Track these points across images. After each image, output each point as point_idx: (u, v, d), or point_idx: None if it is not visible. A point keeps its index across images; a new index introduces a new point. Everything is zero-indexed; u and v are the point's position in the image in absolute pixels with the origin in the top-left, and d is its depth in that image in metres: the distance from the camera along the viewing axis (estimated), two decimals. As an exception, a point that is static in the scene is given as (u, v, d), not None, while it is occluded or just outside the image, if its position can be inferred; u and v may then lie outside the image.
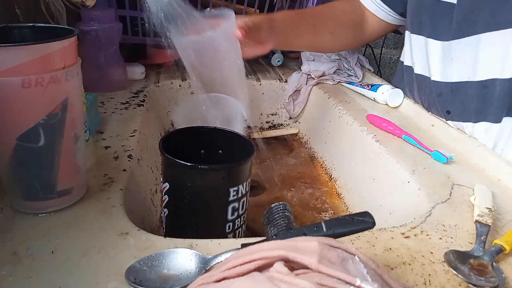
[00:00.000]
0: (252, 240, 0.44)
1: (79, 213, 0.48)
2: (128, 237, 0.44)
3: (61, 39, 0.42)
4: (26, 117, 0.42)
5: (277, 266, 0.29)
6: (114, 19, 0.86)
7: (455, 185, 0.58)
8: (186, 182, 0.49)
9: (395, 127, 0.74)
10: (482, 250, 0.44)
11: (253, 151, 0.52)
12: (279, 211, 0.42)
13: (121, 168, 0.58)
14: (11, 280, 0.38)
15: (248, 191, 0.53)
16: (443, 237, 0.48)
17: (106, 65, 0.86)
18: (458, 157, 0.66)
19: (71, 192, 0.48)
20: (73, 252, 0.42)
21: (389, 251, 0.45)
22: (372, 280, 0.28)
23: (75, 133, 0.46)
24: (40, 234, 0.44)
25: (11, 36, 0.46)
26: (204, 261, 0.40)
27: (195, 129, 0.59)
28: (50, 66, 0.41)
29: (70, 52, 0.43)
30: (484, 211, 0.50)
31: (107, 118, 0.74)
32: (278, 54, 1.14)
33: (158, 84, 0.96)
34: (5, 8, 0.66)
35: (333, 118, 0.88)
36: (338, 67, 1.02)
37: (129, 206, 0.52)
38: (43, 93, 0.41)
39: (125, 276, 0.38)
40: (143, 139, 0.73)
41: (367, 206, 0.68)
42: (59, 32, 0.45)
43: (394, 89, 0.87)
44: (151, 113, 0.87)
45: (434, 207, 0.53)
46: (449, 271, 0.42)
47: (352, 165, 0.77)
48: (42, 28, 0.48)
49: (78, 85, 0.46)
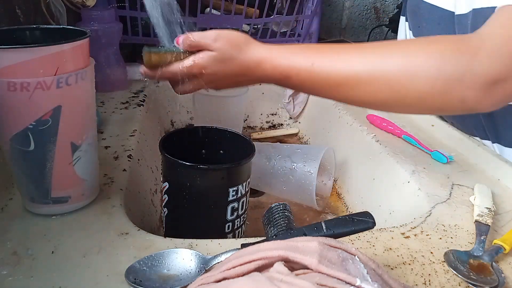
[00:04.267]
0: (252, 240, 0.44)
1: (79, 213, 0.48)
2: (128, 237, 0.44)
3: (47, 45, 0.40)
4: (14, 120, 0.41)
5: (277, 266, 0.29)
6: (114, 19, 0.86)
7: (455, 185, 0.58)
8: (185, 182, 0.49)
9: (395, 127, 0.74)
10: (482, 250, 0.44)
11: (253, 152, 0.52)
12: (279, 211, 0.42)
13: (121, 168, 0.58)
14: (11, 280, 0.38)
15: (247, 191, 0.53)
16: (443, 237, 0.48)
17: (106, 65, 0.86)
18: (458, 157, 0.66)
19: (67, 201, 0.47)
20: (73, 252, 0.42)
21: (389, 251, 0.45)
22: (372, 280, 0.28)
23: (72, 142, 0.44)
24: (40, 234, 0.44)
25: (20, 38, 0.45)
26: (204, 261, 0.40)
27: (195, 129, 0.59)
28: (36, 72, 0.39)
29: (66, 58, 0.41)
30: (484, 211, 0.50)
31: (107, 118, 0.74)
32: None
33: (158, 84, 0.96)
34: (6, 9, 0.66)
35: (333, 118, 0.88)
36: (338, 67, 1.02)
37: (129, 206, 0.52)
38: (29, 99, 0.40)
39: (125, 276, 0.38)
40: (143, 139, 0.73)
41: (367, 206, 0.68)
42: (73, 35, 0.43)
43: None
44: (151, 113, 0.87)
45: (434, 207, 0.53)
46: (449, 271, 0.42)
47: (352, 165, 0.77)
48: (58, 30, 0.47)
49: (79, 94, 0.44)
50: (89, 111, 0.46)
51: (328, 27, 1.47)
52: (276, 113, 1.07)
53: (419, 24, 0.77)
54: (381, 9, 1.49)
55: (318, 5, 1.06)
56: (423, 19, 0.74)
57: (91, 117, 0.47)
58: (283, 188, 0.74)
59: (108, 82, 0.87)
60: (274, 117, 1.07)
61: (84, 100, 0.45)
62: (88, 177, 0.48)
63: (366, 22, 1.50)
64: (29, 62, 0.39)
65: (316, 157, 0.72)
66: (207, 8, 1.01)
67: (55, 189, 0.45)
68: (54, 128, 0.42)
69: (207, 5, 1.00)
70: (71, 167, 0.45)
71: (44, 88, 0.40)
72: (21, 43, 0.43)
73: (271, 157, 0.75)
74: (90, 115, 0.47)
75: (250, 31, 1.07)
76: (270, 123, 1.07)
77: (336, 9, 1.47)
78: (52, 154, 0.43)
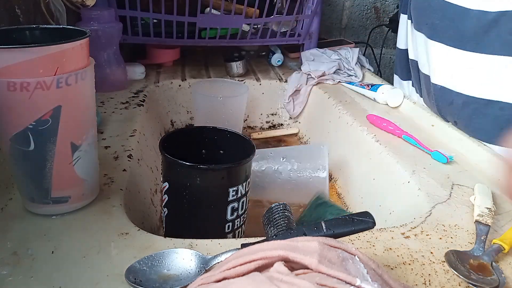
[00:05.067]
0: (252, 240, 0.44)
1: (79, 213, 0.48)
2: (128, 237, 0.44)
3: (47, 45, 0.39)
4: (14, 120, 0.41)
5: (277, 266, 0.29)
6: (114, 19, 0.86)
7: (455, 185, 0.58)
8: (185, 182, 0.49)
9: (395, 127, 0.74)
10: (482, 250, 0.44)
11: (253, 152, 0.52)
12: (279, 211, 0.42)
13: (121, 168, 0.58)
14: (11, 280, 0.38)
15: (248, 191, 0.53)
16: (443, 237, 0.48)
17: (106, 65, 0.86)
18: (458, 157, 0.66)
19: (67, 201, 0.47)
20: (73, 252, 0.42)
21: (389, 251, 0.45)
22: (372, 280, 0.28)
23: (72, 142, 0.44)
24: (40, 234, 0.44)
25: (19, 37, 0.45)
26: (204, 261, 0.40)
27: (195, 129, 0.59)
28: (36, 72, 0.39)
29: (65, 58, 0.41)
30: (484, 211, 0.50)
31: (107, 118, 0.74)
32: (278, 54, 1.14)
33: (158, 84, 0.96)
34: (5, 8, 0.66)
35: (333, 118, 0.88)
36: (338, 67, 1.02)
37: (129, 206, 0.52)
38: (29, 99, 0.40)
39: (125, 276, 0.38)
40: (143, 139, 0.73)
41: (367, 206, 0.68)
42: (73, 35, 0.42)
43: (394, 89, 0.87)
44: (151, 113, 0.87)
45: (434, 207, 0.53)
46: (449, 271, 0.42)
47: (352, 165, 0.77)
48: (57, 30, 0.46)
49: (80, 94, 0.44)
50: (89, 111, 0.46)
51: (328, 27, 1.47)
52: (276, 113, 1.07)
53: (428, 21, 0.75)
54: (381, 9, 1.49)
55: (318, 5, 1.06)
56: (436, 16, 0.72)
57: (91, 117, 0.47)
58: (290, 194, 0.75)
59: (108, 82, 0.87)
60: (274, 117, 1.07)
61: (84, 100, 0.45)
62: (88, 177, 0.48)
63: (366, 22, 1.50)
64: (29, 62, 0.39)
65: (321, 157, 0.73)
66: (207, 8, 1.01)
67: (55, 189, 0.45)
68: (54, 128, 0.42)
69: (207, 5, 1.00)
70: (71, 167, 0.45)
71: (44, 88, 0.40)
72: (21, 43, 0.42)
73: (274, 163, 0.76)
74: (90, 115, 0.47)
75: (250, 31, 1.07)
76: (270, 123, 1.07)
77: (336, 9, 1.47)
78: (52, 154, 0.43)
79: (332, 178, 0.83)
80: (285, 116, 1.07)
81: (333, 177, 0.83)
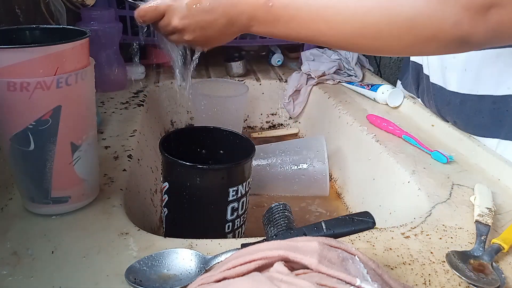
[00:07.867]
0: (252, 240, 0.44)
1: (79, 213, 0.48)
2: (128, 237, 0.44)
3: (47, 45, 0.39)
4: (14, 120, 0.41)
5: (277, 266, 0.29)
6: (114, 19, 0.86)
7: (455, 185, 0.58)
8: (185, 182, 0.49)
9: (395, 127, 0.74)
10: (482, 250, 0.44)
11: (253, 152, 0.52)
12: (279, 211, 0.42)
13: (121, 168, 0.58)
14: (11, 280, 0.38)
15: (248, 191, 0.53)
16: (443, 237, 0.48)
17: (106, 65, 0.86)
18: (458, 157, 0.66)
19: (67, 201, 0.47)
20: (73, 252, 0.42)
21: (389, 251, 0.45)
22: (372, 280, 0.28)
23: (72, 142, 0.44)
24: (40, 234, 0.44)
25: (19, 37, 0.45)
26: (204, 261, 0.40)
27: (195, 129, 0.59)
28: (36, 72, 0.39)
29: (65, 58, 0.41)
30: (484, 211, 0.50)
31: (107, 118, 0.74)
32: (278, 54, 1.14)
33: (158, 84, 0.96)
34: (5, 8, 0.66)
35: (333, 118, 0.88)
36: (338, 67, 1.02)
37: (129, 206, 0.52)
38: (28, 99, 0.40)
39: (125, 276, 0.38)
40: (143, 139, 0.73)
41: (367, 206, 0.68)
42: (73, 35, 0.42)
43: (394, 89, 0.87)
44: (151, 113, 0.87)
45: (434, 207, 0.53)
46: (449, 271, 0.42)
47: (352, 165, 0.77)
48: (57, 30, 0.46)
49: (80, 94, 0.44)
50: (89, 111, 0.46)
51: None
52: (276, 113, 1.07)
53: None
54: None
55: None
56: None
57: (91, 117, 0.47)
58: (293, 187, 0.76)
59: (108, 82, 0.87)
60: (274, 117, 1.07)
61: (84, 100, 0.45)
62: (88, 177, 0.48)
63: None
64: (29, 62, 0.39)
65: (319, 147, 0.75)
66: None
67: (55, 189, 0.45)
68: (54, 128, 0.42)
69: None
70: (71, 167, 0.45)
71: (44, 88, 0.40)
72: (21, 43, 0.43)
73: (274, 157, 0.76)
74: (90, 115, 0.47)
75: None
76: (270, 123, 1.07)
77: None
78: (52, 154, 0.43)
79: (332, 178, 0.83)
80: (285, 116, 1.07)
81: (333, 177, 0.83)
